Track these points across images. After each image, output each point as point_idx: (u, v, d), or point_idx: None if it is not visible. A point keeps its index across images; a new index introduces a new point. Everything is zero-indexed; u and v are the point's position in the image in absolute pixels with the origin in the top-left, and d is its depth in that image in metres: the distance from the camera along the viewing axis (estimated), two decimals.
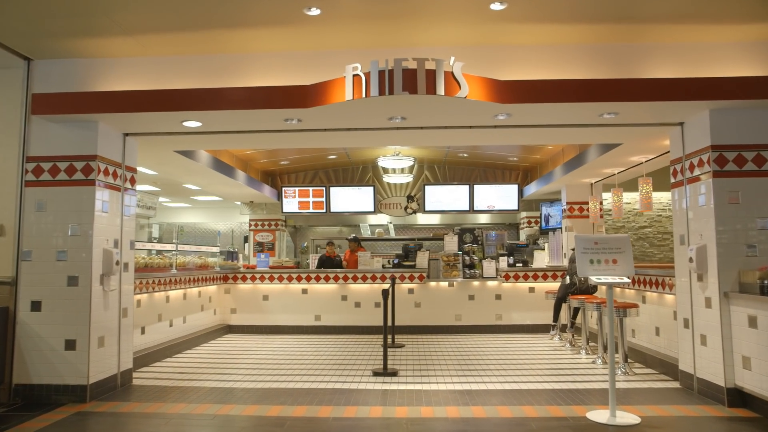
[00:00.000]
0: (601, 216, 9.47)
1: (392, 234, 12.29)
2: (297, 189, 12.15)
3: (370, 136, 6.03)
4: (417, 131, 5.81)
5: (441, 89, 4.52)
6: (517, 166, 12.10)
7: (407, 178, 10.85)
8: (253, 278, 9.74)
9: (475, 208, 12.05)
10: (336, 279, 9.66)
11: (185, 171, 8.28)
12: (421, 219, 13.24)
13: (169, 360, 7.25)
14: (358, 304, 9.64)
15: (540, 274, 9.60)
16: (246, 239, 13.36)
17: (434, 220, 13.34)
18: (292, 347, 8.28)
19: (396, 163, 9.44)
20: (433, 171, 12.47)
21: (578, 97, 4.86)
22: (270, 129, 5.67)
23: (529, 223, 12.71)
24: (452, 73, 4.57)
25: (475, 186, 12.04)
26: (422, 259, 9.79)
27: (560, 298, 8.10)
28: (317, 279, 9.67)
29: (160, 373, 6.40)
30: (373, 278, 9.63)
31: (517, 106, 4.92)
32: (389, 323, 6.97)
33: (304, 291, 9.72)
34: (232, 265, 9.84)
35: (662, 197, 10.59)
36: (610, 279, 4.53)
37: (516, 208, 12.06)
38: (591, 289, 7.61)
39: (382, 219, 13.21)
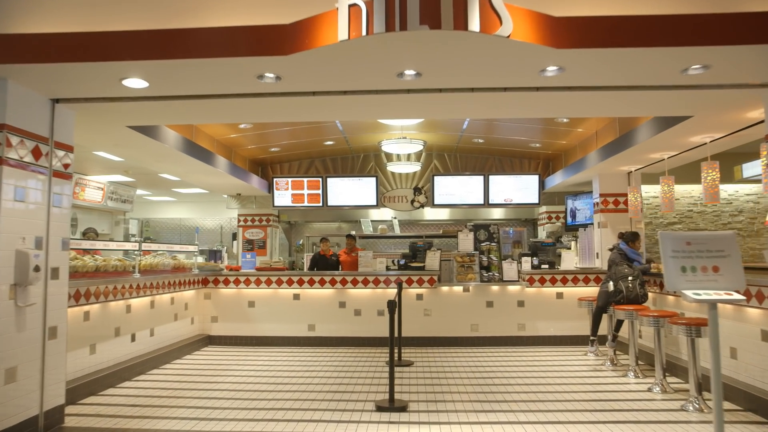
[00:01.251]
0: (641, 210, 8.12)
1: (397, 231, 10.98)
2: (290, 180, 10.81)
3: (373, 103, 4.66)
4: (434, 96, 4.45)
5: (475, 23, 3.17)
6: (537, 154, 10.74)
7: (415, 167, 9.53)
8: (236, 281, 8.42)
9: (490, 202, 10.70)
10: (333, 283, 8.33)
11: (152, 155, 6.95)
12: (429, 214, 11.90)
13: (128, 384, 5.93)
14: (358, 312, 8.31)
15: (569, 277, 8.26)
16: (234, 236, 12.05)
17: (442, 215, 12.00)
18: (280, 364, 6.96)
19: (403, 147, 8.06)
20: (443, 160, 11.12)
21: (660, 39, 3.51)
22: (240, 92, 4.33)
23: (550, 218, 11.37)
24: (490, 1, 3.22)
25: (491, 177, 10.69)
26: (433, 259, 8.46)
27: (601, 308, 6.76)
28: (311, 282, 8.35)
29: (108, 406, 5.08)
30: (376, 282, 8.30)
31: (575, 52, 3.56)
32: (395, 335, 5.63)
33: (296, 296, 8.40)
34: (212, 267, 8.52)
35: (692, 191, 9.27)
36: (714, 295, 3.18)
37: (536, 201, 10.70)
38: (641, 298, 6.26)
39: (385, 214, 11.87)
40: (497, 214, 12.05)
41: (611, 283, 6.48)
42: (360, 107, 4.86)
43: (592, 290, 8.20)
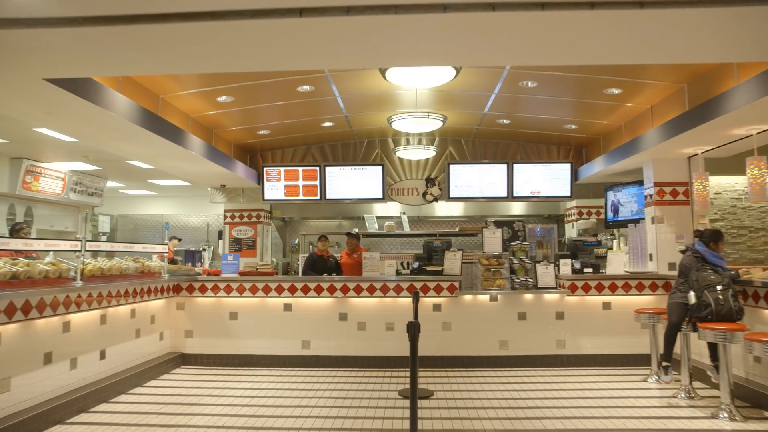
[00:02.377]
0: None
1: (406, 229, 9.53)
2: (282, 170, 9.34)
3: (391, 29, 3.17)
4: (479, 20, 2.97)
5: None
6: (569, 139, 9.26)
7: (429, 152, 8.06)
8: (215, 289, 6.96)
9: (515, 195, 9.24)
10: (332, 290, 6.87)
11: (100, 128, 5.47)
12: (440, 210, 10.44)
13: (59, 429, 4.47)
14: (362, 326, 6.86)
15: (619, 283, 6.80)
16: (220, 235, 10.59)
17: (455, 210, 10.52)
18: (267, 391, 5.51)
19: (419, 122, 6.48)
20: (459, 146, 9.65)
21: None
22: (184, 10, 2.85)
23: (581, 214, 9.90)
24: None
25: (515, 165, 9.23)
26: (453, 262, 6.99)
27: (675, 325, 5.28)
28: (305, 290, 6.88)
29: None
30: (384, 289, 6.83)
31: None
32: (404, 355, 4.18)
33: (288, 306, 6.93)
34: (186, 271, 7.05)
35: (736, 183, 7.83)
36: None
37: (568, 194, 9.24)
38: (736, 314, 4.79)
39: (392, 209, 10.40)
40: (517, 209, 10.58)
41: (692, 293, 5.01)
42: (371, 41, 3.36)
43: (646, 300, 6.74)
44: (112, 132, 5.52)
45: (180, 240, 11.26)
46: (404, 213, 9.70)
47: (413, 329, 3.61)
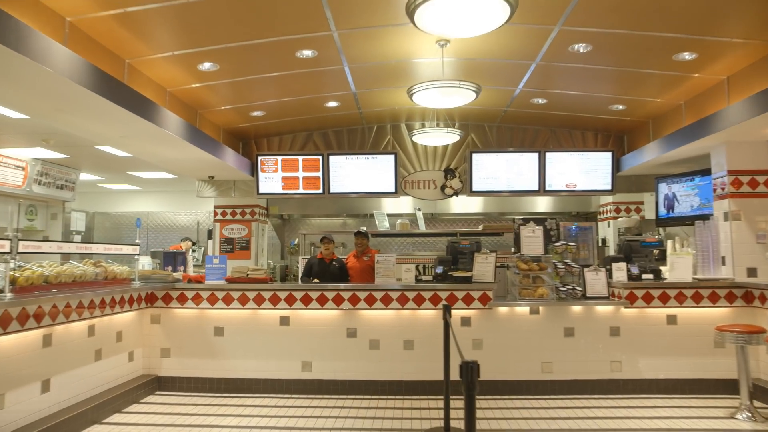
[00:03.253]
0: None
1: (422, 227, 8.32)
2: (279, 159, 8.13)
3: None
4: None
5: None
6: (608, 124, 8.04)
7: (452, 136, 6.79)
8: (197, 298, 5.75)
9: (547, 188, 8.03)
10: (338, 300, 5.66)
11: (37, 93, 4.24)
12: (456, 206, 9.22)
13: None
14: (374, 344, 5.65)
15: (688, 293, 5.58)
16: (210, 234, 9.39)
17: (472, 207, 9.31)
18: (258, 426, 4.32)
19: (447, 95, 5.06)
20: (482, 133, 8.42)
21: None
22: None
23: (618, 211, 8.69)
24: None
25: (548, 154, 8.02)
26: (484, 266, 5.78)
27: None
28: (306, 300, 5.67)
29: None
30: (402, 300, 5.63)
31: None
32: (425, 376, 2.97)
33: (284, 320, 5.73)
34: (162, 277, 5.84)
35: None
36: None
37: (609, 187, 8.03)
38: None
39: (402, 206, 9.20)
40: (542, 205, 9.35)
41: None
42: None
43: (721, 313, 5.54)
44: (58, 100, 4.30)
45: (194, 243, 10.08)
46: (419, 209, 8.48)
47: (469, 374, 2.37)
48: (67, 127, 5.17)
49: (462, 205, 9.20)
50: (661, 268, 6.05)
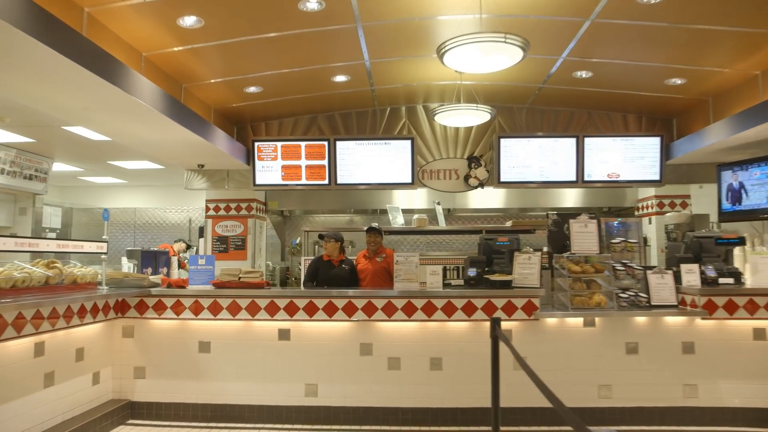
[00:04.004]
0: None
1: (442, 223, 7.28)
2: (279, 145, 7.10)
3: None
4: None
5: None
6: (655, 105, 7.00)
7: (482, 115, 5.70)
8: (177, 307, 4.72)
9: (586, 179, 7.00)
10: (350, 310, 4.62)
11: None
12: (476, 201, 8.18)
13: None
14: (394, 363, 4.62)
15: None
16: (201, 232, 8.37)
17: (493, 201, 8.26)
18: None
19: (487, 55, 3.93)
20: (510, 115, 7.38)
21: None
22: None
23: (661, 206, 7.65)
24: None
25: (587, 140, 6.99)
26: (527, 268, 4.75)
27: None
28: (311, 309, 4.64)
29: None
30: (429, 309, 4.60)
31: None
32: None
33: (284, 334, 4.70)
34: (135, 281, 4.80)
35: None
36: None
37: (657, 177, 7.00)
38: None
39: (417, 199, 8.17)
40: (570, 200, 8.28)
41: None
42: None
43: None
44: None
45: (189, 246, 9.08)
46: (439, 203, 7.44)
47: None
48: (10, 93, 4.13)
49: (481, 199, 8.16)
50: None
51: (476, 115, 5.82)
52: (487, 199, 8.16)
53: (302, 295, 4.69)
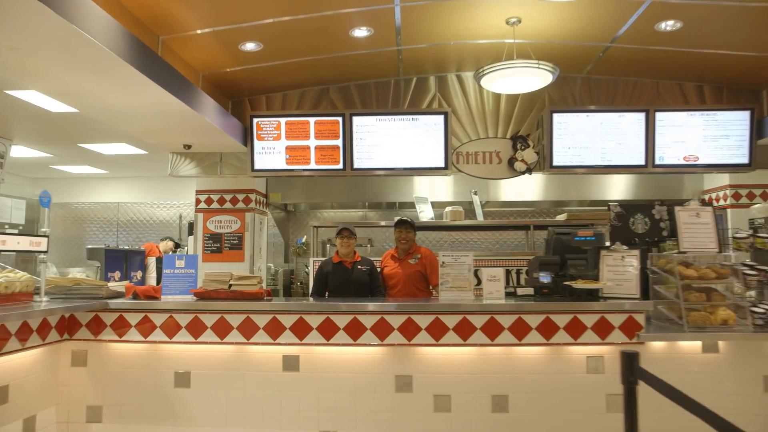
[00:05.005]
0: None
1: (480, 217, 6.01)
2: (283, 121, 5.83)
3: None
4: None
5: None
6: (746, 71, 5.71)
7: (543, 74, 4.38)
8: (146, 325, 3.45)
9: (656, 162, 5.73)
10: (382, 330, 3.35)
11: None
12: (509, 192, 6.93)
13: None
14: (442, 403, 3.34)
15: None
16: (191, 228, 7.12)
17: (526, 193, 6.99)
18: None
19: None
20: (562, 88, 6.09)
21: None
22: None
23: (737, 197, 6.37)
24: None
25: (659, 115, 5.72)
26: (621, 272, 3.48)
27: None
28: (327, 329, 3.37)
29: None
30: (492, 329, 3.32)
31: None
32: None
33: (291, 363, 3.42)
34: (91, 289, 3.52)
35: None
36: None
37: (746, 160, 5.72)
38: None
39: (443, 189, 6.93)
40: (614, 191, 7.00)
41: None
42: None
43: None
44: None
45: (178, 245, 7.87)
46: (476, 192, 6.17)
47: None
48: None
49: (512, 191, 6.90)
50: None
51: (536, 76, 4.54)
52: (516, 190, 6.89)
53: (316, 309, 3.42)
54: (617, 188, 7.04)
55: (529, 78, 4.59)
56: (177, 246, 8.02)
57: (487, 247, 7.37)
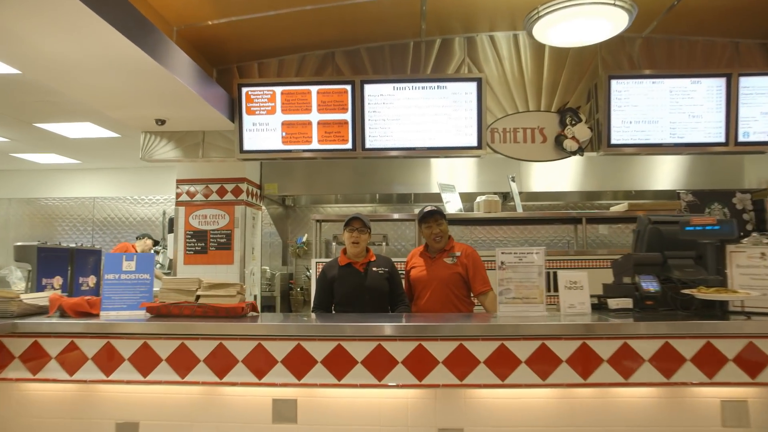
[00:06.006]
0: None
1: (519, 207, 4.89)
2: (279, 91, 4.73)
3: None
4: None
5: None
6: None
7: (618, 18, 3.34)
8: (71, 354, 2.35)
9: (739, 140, 4.63)
10: (420, 365, 2.24)
11: None
12: (539, 182, 5.83)
13: None
14: None
15: None
16: (171, 225, 6.05)
17: (560, 181, 5.89)
18: None
19: None
20: (618, 51, 4.97)
21: None
22: None
23: None
24: None
25: (743, 80, 4.62)
26: (759, 273, 2.38)
27: None
28: (337, 363, 2.26)
29: None
30: (583, 361, 2.21)
31: None
32: None
33: (285, 410, 2.31)
34: None
35: None
36: None
37: None
38: None
39: (474, 177, 5.84)
40: (659, 180, 5.89)
41: None
42: None
43: None
44: None
45: (156, 242, 6.87)
46: (513, 178, 5.07)
47: None
48: None
49: (542, 180, 5.81)
50: None
51: (608, 18, 3.45)
52: (544, 179, 5.80)
53: (321, 333, 2.32)
54: (657, 176, 5.93)
55: (598, 22, 3.50)
56: (156, 243, 6.97)
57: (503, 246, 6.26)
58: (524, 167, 5.69)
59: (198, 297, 2.48)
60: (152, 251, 7.40)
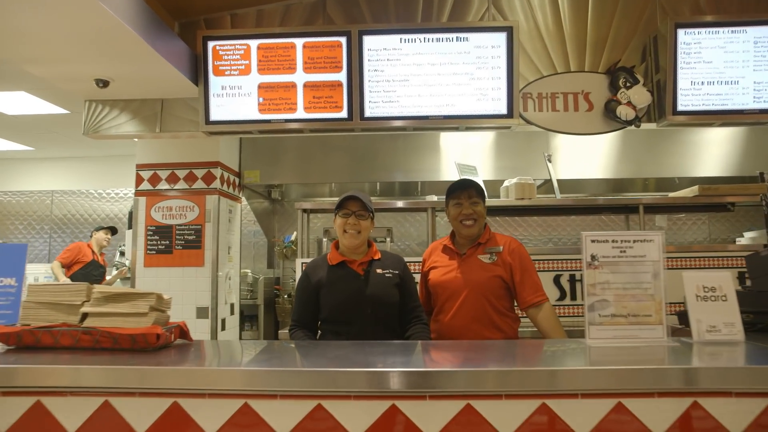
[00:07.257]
0: None
1: (557, 192, 3.89)
2: (254, 45, 3.71)
3: None
4: None
5: None
6: None
7: None
8: None
9: None
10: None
11: None
12: (570, 164, 4.83)
13: None
14: None
15: None
16: (130, 221, 5.05)
17: (586, 167, 4.88)
18: None
19: None
20: None
21: None
22: None
23: None
24: None
25: None
26: None
27: None
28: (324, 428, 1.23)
29: None
30: None
31: None
32: None
33: None
34: None
35: None
36: None
37: None
38: None
39: (491, 161, 4.85)
40: (704, 164, 4.90)
41: None
42: None
43: None
44: None
45: (114, 232, 5.91)
46: (549, 156, 4.05)
47: None
48: None
49: (569, 164, 4.82)
50: None
51: None
52: (570, 164, 4.81)
53: (287, 383, 1.29)
54: (701, 162, 4.93)
55: None
56: (114, 233, 5.98)
57: (555, 240, 5.27)
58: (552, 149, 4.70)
59: (84, 316, 1.46)
60: (119, 251, 6.41)
